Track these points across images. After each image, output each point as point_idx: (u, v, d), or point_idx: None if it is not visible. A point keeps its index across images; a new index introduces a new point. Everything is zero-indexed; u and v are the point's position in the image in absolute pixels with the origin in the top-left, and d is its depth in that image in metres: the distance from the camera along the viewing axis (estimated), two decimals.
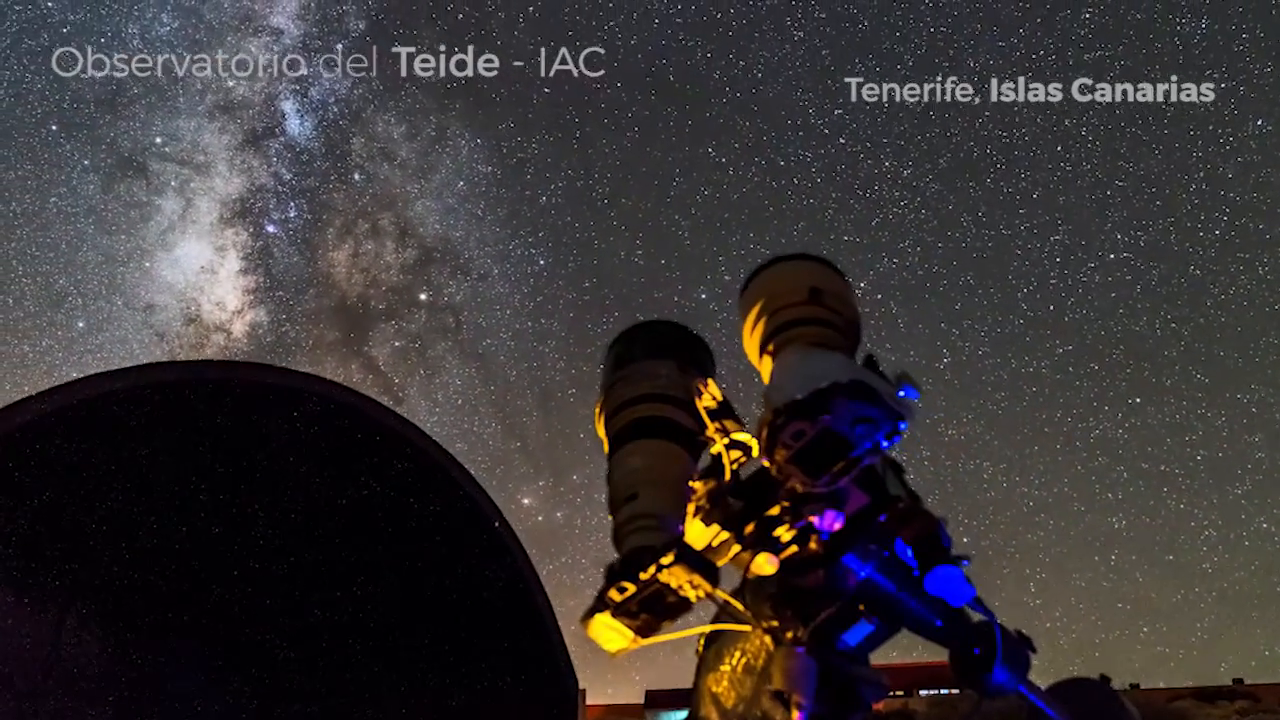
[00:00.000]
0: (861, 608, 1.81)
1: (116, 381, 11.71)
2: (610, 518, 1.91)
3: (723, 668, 1.97)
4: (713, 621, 1.94)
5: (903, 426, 1.72)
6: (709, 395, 2.03)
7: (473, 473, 15.69)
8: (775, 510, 1.81)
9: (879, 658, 1.92)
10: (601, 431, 2.07)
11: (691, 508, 1.93)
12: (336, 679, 14.01)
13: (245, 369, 13.59)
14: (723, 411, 2.03)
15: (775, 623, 1.82)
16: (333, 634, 14.01)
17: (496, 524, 16.08)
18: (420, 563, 15.06)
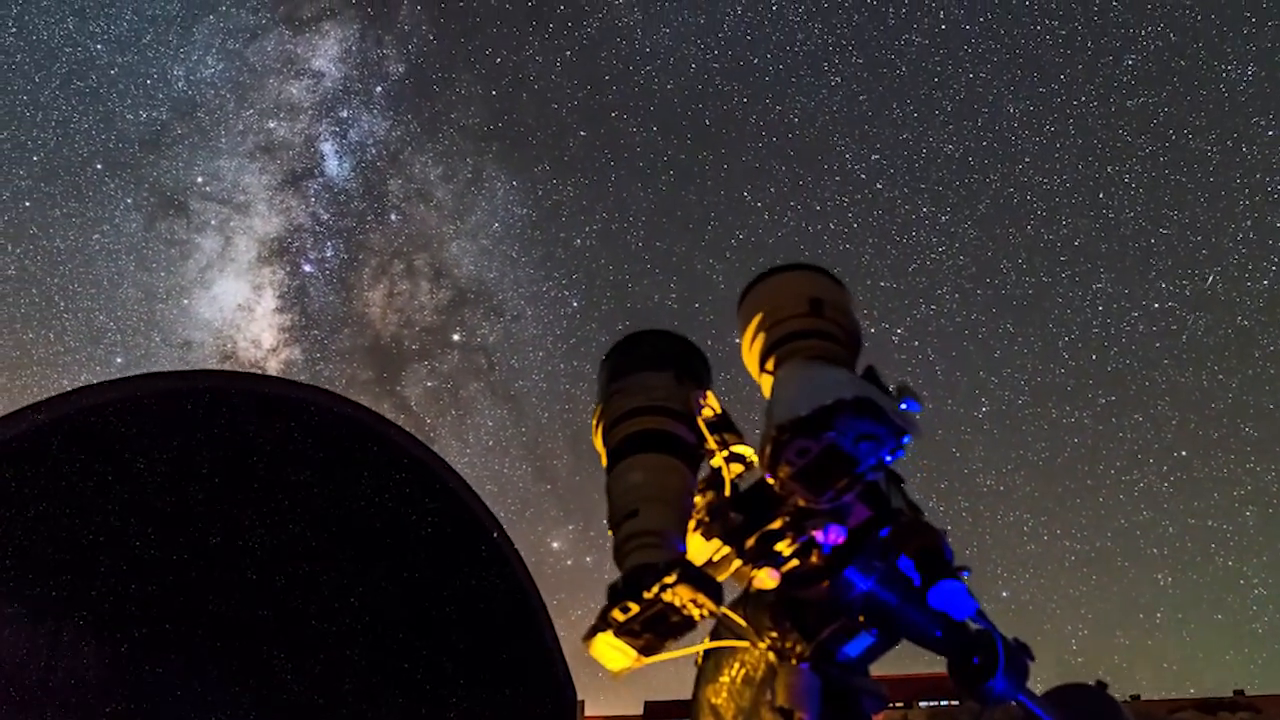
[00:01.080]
0: (861, 619, 1.79)
1: (113, 391, 11.70)
2: (610, 534, 1.88)
3: (722, 679, 1.95)
4: (711, 636, 1.93)
5: (906, 441, 1.71)
6: (708, 407, 2.01)
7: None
8: (777, 524, 1.79)
9: (878, 668, 1.90)
10: (599, 445, 2.03)
11: (691, 522, 1.91)
12: (335, 690, 13.96)
13: (243, 379, 13.58)
14: (722, 424, 2.01)
15: (774, 634, 1.80)
16: (331, 645, 13.97)
17: (495, 534, 16.07)
18: (419, 573, 15.04)
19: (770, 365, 1.97)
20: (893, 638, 1.84)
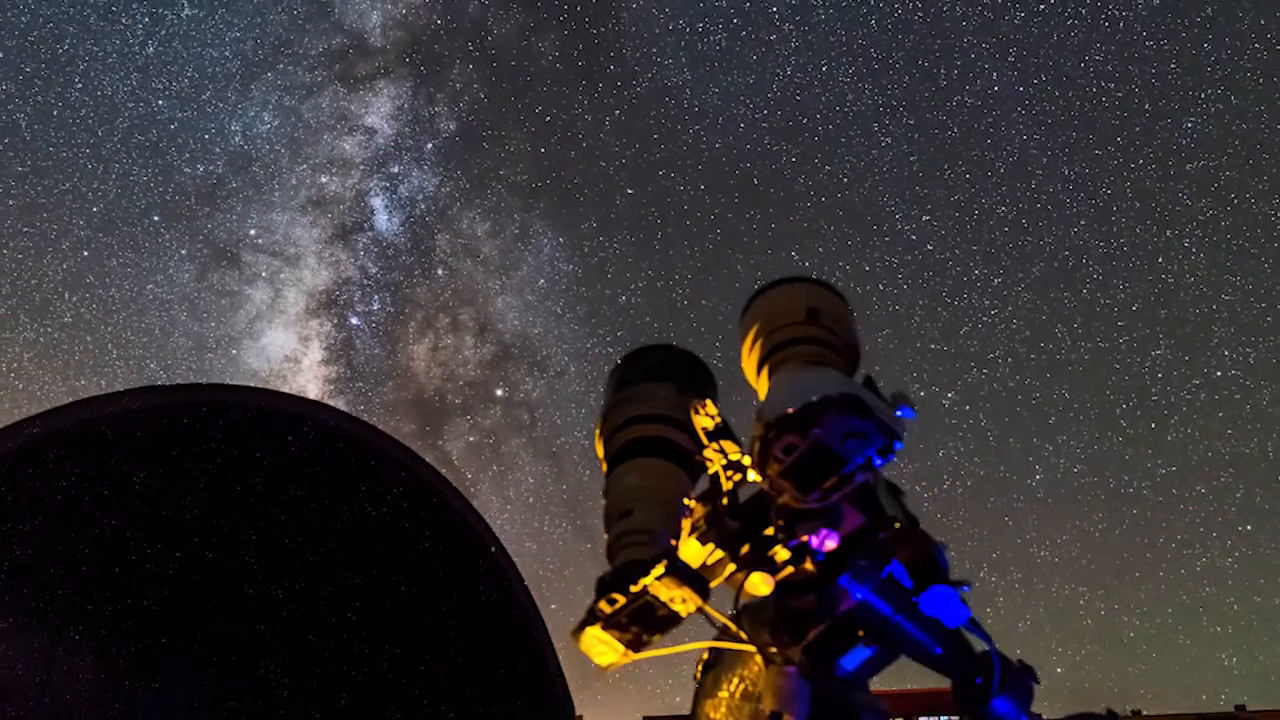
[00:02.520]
0: (861, 634, 1.79)
1: (109, 405, 11.68)
2: (605, 535, 1.89)
3: (720, 694, 1.95)
4: (712, 650, 1.92)
5: (898, 446, 1.71)
6: (706, 416, 2.02)
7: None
8: (771, 530, 1.80)
9: (878, 683, 1.89)
10: (600, 452, 2.06)
11: (687, 525, 1.93)
12: (332, 705, 13.92)
13: (239, 393, 13.56)
14: (721, 432, 2.03)
15: (774, 649, 1.81)
16: (328, 660, 13.93)
17: (493, 549, 16.03)
18: (417, 588, 15.01)
19: (766, 372, 1.99)
20: (891, 651, 1.83)
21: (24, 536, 11.03)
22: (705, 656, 1.94)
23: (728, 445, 2.00)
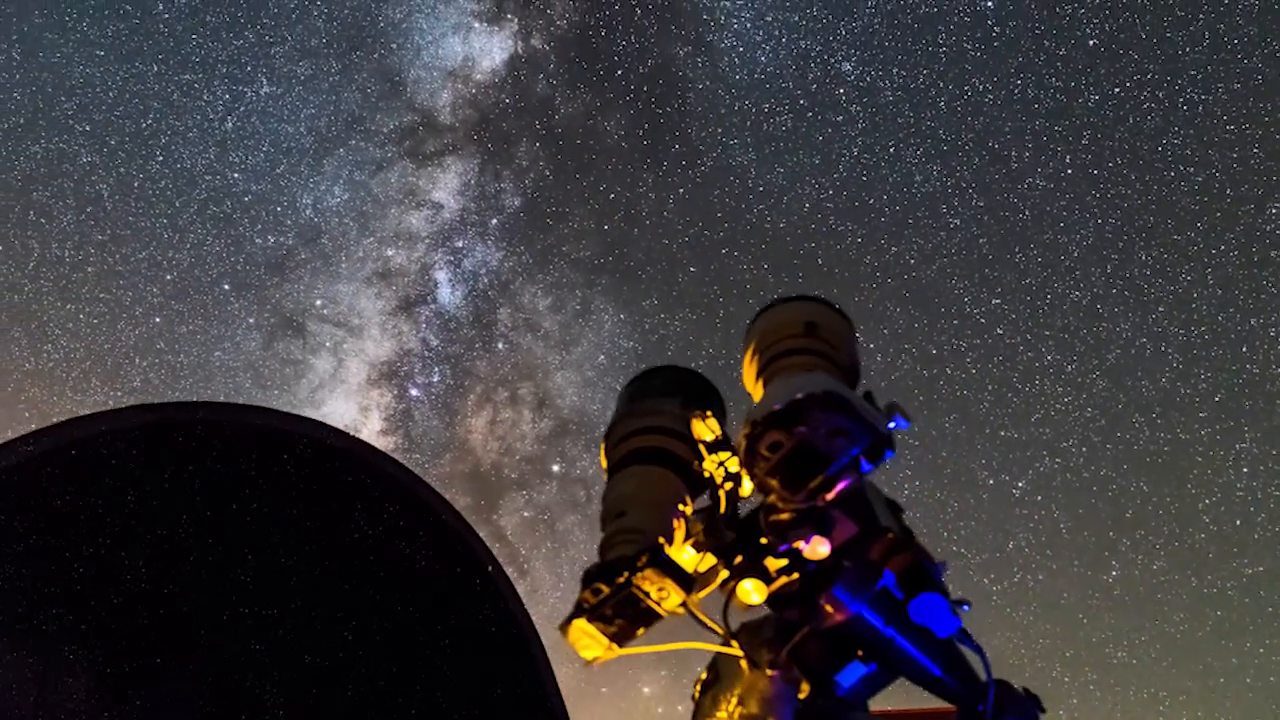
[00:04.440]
0: (860, 654, 1.78)
1: (104, 424, 11.64)
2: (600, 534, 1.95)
3: (719, 714, 1.95)
4: (710, 666, 1.93)
5: (889, 454, 1.73)
6: (706, 428, 2.06)
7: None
8: (765, 540, 1.81)
9: (876, 704, 1.87)
10: (604, 462, 2.13)
11: (682, 530, 1.97)
12: None
13: (234, 410, 13.51)
14: (721, 445, 2.08)
15: (765, 657, 1.81)
16: (323, 680, 13.85)
17: (490, 568, 15.96)
18: (412, 608, 14.94)
19: (761, 382, 2.01)
20: (890, 670, 1.81)
21: (17, 555, 10.98)
22: (704, 676, 1.93)
23: (727, 458, 2.01)
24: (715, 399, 2.19)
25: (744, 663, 1.86)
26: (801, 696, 1.79)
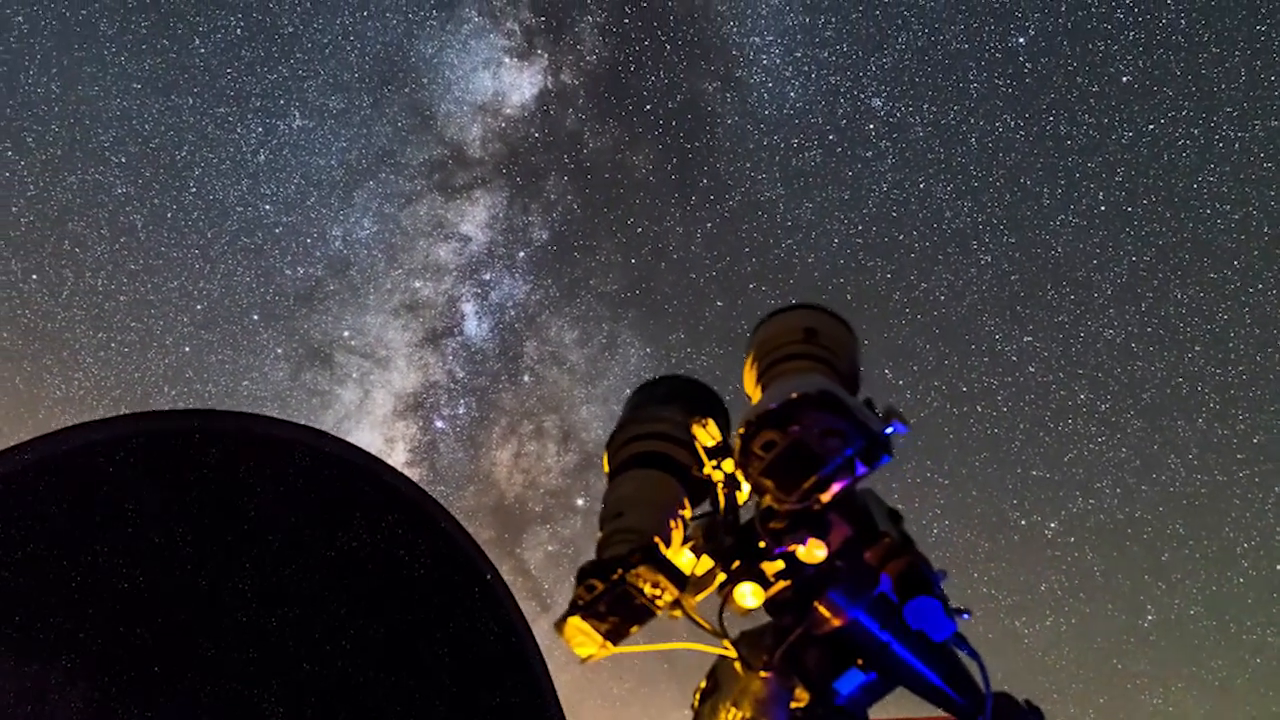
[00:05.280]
0: (860, 663, 1.78)
1: (101, 431, 11.63)
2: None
3: None
4: (710, 675, 1.94)
5: (885, 459, 1.74)
6: (707, 434, 2.08)
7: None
8: (763, 544, 1.82)
9: (877, 712, 1.86)
10: (605, 467, 2.19)
11: (680, 533, 2.00)
12: None
13: (232, 419, 13.51)
14: (721, 450, 2.09)
15: (762, 659, 1.83)
16: (322, 689, 13.82)
17: (489, 576, 15.95)
18: (411, 615, 14.92)
19: (760, 387, 2.03)
20: (889, 679, 1.81)
21: (15, 564, 10.96)
22: (703, 685, 1.93)
23: (727, 463, 2.02)
24: (718, 407, 2.22)
25: (738, 665, 1.86)
26: (801, 705, 1.79)
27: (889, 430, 1.72)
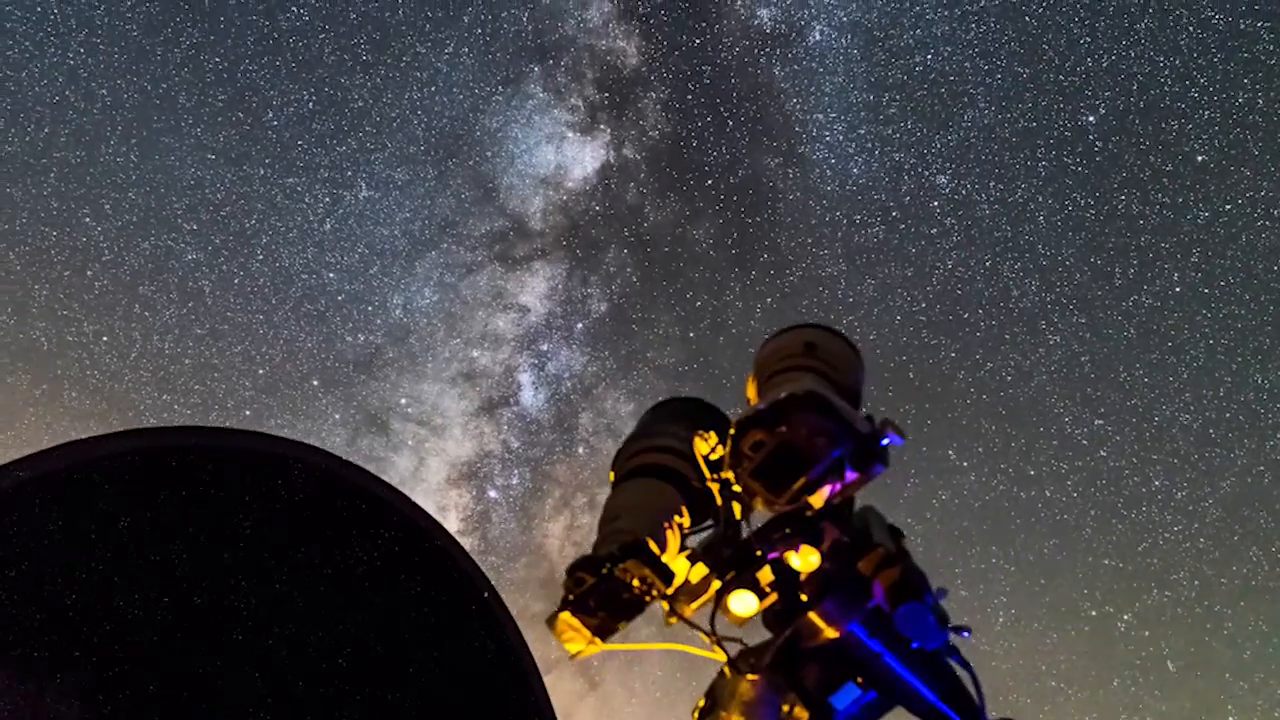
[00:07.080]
0: (860, 680, 1.78)
1: (97, 449, 11.60)
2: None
3: None
4: (710, 686, 1.95)
5: (879, 469, 1.75)
6: (707, 446, 2.11)
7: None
8: (760, 552, 1.83)
9: None
10: (612, 480, 2.20)
11: (676, 541, 2.02)
12: None
13: (228, 435, 13.48)
14: (723, 464, 2.11)
15: (751, 661, 1.84)
16: (318, 709, 13.76)
17: (486, 594, 15.91)
18: (407, 633, 14.86)
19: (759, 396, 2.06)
20: (887, 696, 1.80)
21: (9, 581, 10.91)
22: (701, 704, 1.93)
23: (727, 475, 2.03)
24: (723, 423, 2.24)
25: (728, 669, 1.87)
26: (796, 711, 1.79)
27: (885, 441, 1.72)
